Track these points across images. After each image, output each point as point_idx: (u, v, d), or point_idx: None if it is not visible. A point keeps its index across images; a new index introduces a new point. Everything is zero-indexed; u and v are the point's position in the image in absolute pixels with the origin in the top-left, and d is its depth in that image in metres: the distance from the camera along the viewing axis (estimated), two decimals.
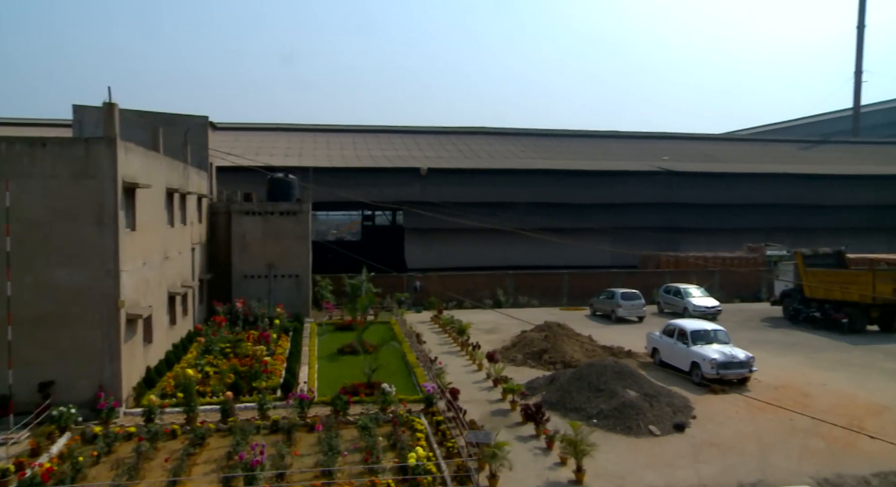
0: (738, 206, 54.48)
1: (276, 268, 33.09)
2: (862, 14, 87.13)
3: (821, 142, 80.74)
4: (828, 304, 31.56)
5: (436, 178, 49.23)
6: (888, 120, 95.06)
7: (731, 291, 41.87)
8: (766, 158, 66.46)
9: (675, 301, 35.31)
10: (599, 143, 68.53)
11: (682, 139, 74.36)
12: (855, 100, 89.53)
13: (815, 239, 49.24)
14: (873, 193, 57.42)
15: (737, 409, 18.59)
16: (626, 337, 28.38)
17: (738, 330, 29.28)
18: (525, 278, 40.75)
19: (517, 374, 22.07)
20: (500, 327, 30.79)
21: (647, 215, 52.40)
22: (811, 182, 57.21)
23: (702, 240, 51.74)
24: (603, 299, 35.11)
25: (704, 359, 21.02)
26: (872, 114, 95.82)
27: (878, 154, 73.54)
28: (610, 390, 18.48)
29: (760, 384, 21.21)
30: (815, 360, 24.87)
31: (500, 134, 68.86)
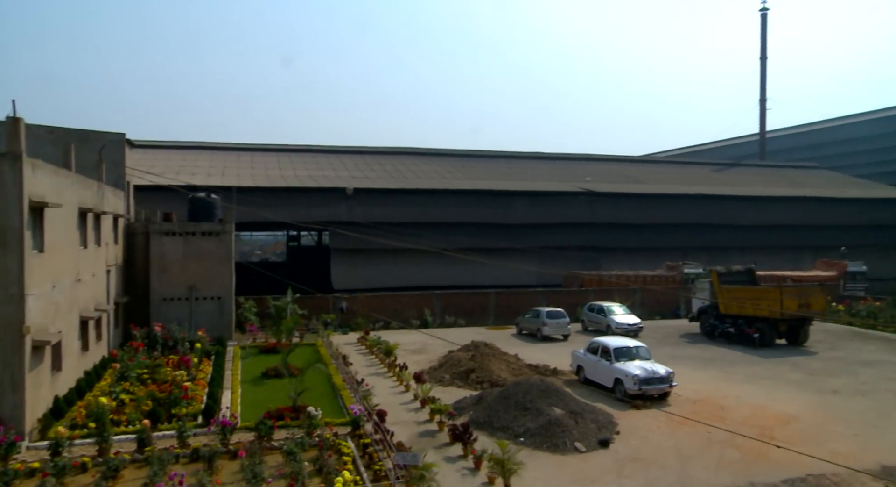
0: (657, 226, 56.44)
1: (198, 290, 32.07)
2: (764, 47, 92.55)
3: (732, 165, 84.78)
4: (741, 319, 32.92)
5: (362, 198, 49.04)
6: (790, 145, 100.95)
7: (652, 308, 43.16)
8: (682, 180, 69.23)
9: (599, 319, 36.09)
10: (525, 164, 69.87)
11: (604, 161, 76.68)
12: (761, 126, 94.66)
13: (728, 257, 51.48)
14: (780, 213, 60.63)
15: (658, 424, 19.07)
16: (551, 355, 28.77)
17: (658, 346, 30.15)
18: (452, 298, 40.89)
19: (445, 394, 22.02)
20: (427, 347, 30.72)
21: (571, 235, 53.63)
22: (724, 203, 59.93)
23: (624, 259, 53.29)
24: (529, 318, 35.54)
25: (627, 375, 21.52)
26: (777, 139, 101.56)
27: (783, 177, 77.79)
28: (536, 408, 18.66)
29: (680, 398, 21.85)
30: (730, 374, 25.84)
31: (427, 155, 69.32)
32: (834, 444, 17.26)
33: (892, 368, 26.88)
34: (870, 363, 27.98)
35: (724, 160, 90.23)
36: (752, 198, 62.01)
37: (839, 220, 61.48)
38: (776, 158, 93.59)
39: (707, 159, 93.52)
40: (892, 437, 17.95)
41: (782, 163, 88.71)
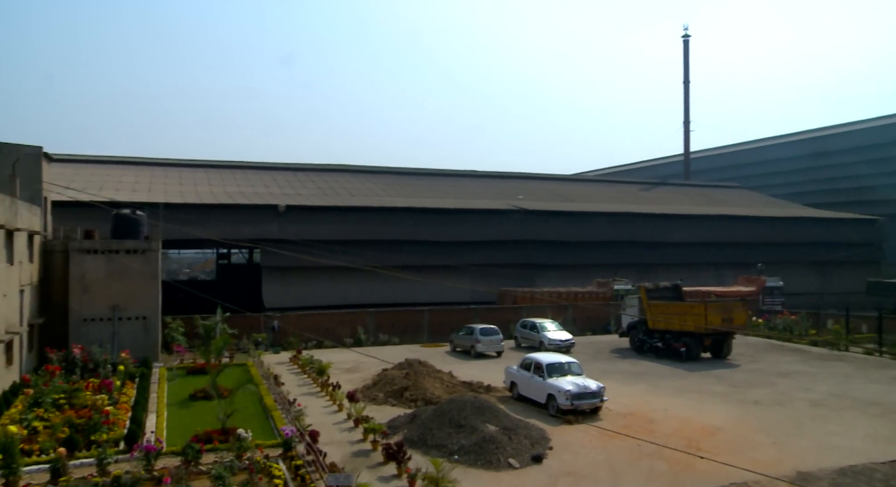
0: (588, 243, 57.69)
1: (122, 310, 30.87)
2: (686, 72, 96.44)
3: (659, 184, 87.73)
4: (668, 334, 33.86)
5: (295, 215, 48.41)
6: (713, 165, 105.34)
7: (583, 324, 43.92)
8: (612, 199, 71.16)
9: (532, 336, 36.48)
10: (458, 182, 70.48)
11: (537, 179, 78.12)
12: (685, 147, 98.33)
13: (656, 274, 53.06)
14: (703, 231, 62.95)
15: (590, 438, 19.35)
16: (485, 372, 28.88)
17: (589, 362, 30.66)
18: (386, 316, 40.66)
19: (379, 413, 21.80)
20: (360, 366, 30.38)
21: (504, 252, 54.24)
22: (652, 221, 61.85)
23: (556, 276, 54.18)
24: (462, 335, 35.63)
25: (559, 391, 21.78)
26: (700, 159, 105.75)
27: (706, 196, 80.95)
28: (470, 425, 18.67)
29: (611, 412, 22.25)
30: (659, 387, 26.50)
31: (360, 172, 69.10)
32: (755, 453, 17.88)
33: (807, 378, 28.12)
34: (787, 374, 29.20)
35: (651, 179, 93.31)
36: (678, 216, 64.22)
37: (758, 237, 64.31)
38: (699, 178, 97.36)
39: (635, 178, 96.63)
40: (807, 444, 18.74)
41: (705, 183, 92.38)
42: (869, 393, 25.08)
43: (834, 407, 23.05)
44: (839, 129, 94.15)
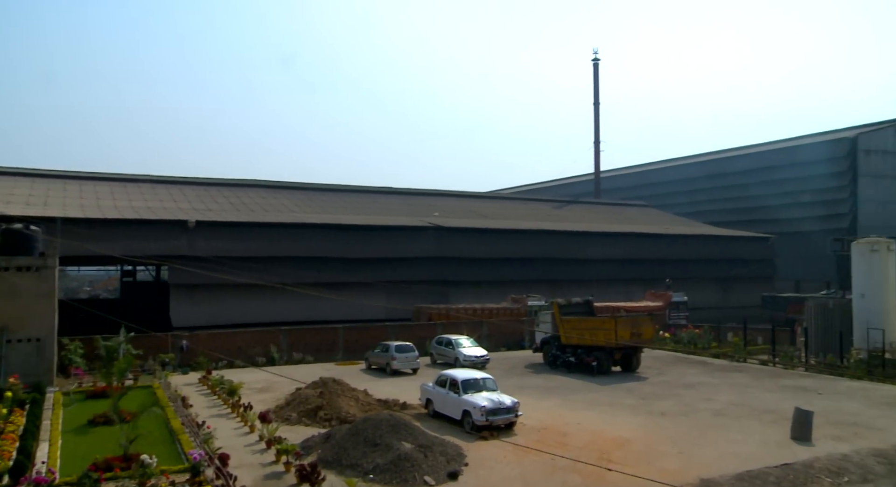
0: (503, 259, 58.53)
1: (12, 332, 28.91)
2: (596, 93, 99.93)
3: (571, 202, 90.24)
4: (580, 349, 34.66)
5: (205, 231, 46.92)
6: (622, 184, 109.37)
7: (498, 340, 44.39)
8: (526, 216, 72.57)
9: (447, 352, 36.57)
10: (373, 198, 70.23)
11: (452, 196, 78.81)
12: (595, 166, 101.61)
13: (569, 290, 54.25)
14: (613, 248, 65.08)
15: (505, 453, 19.50)
16: (401, 389, 28.72)
17: (504, 377, 30.99)
18: (300, 334, 39.83)
19: (292, 433, 21.27)
20: (273, 385, 29.60)
21: (419, 269, 54.29)
22: (564, 238, 63.42)
23: (471, 292, 54.62)
24: (378, 352, 35.34)
25: (475, 407, 21.87)
26: (610, 178, 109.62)
27: (616, 214, 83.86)
28: (386, 443, 18.48)
29: (526, 427, 22.52)
30: (572, 401, 27.06)
31: (274, 187, 67.81)
32: (662, 462, 18.48)
33: (710, 389, 29.38)
34: (691, 385, 30.42)
35: (564, 198, 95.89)
36: (590, 234, 66.15)
37: (664, 254, 67.03)
38: (610, 197, 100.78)
39: (549, 196, 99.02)
40: (710, 451, 19.54)
41: (615, 201, 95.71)
42: (764, 402, 26.43)
43: (734, 416, 24.16)
44: (736, 151, 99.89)
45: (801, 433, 20.74)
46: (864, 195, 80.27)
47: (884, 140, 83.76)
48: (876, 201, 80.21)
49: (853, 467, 18.24)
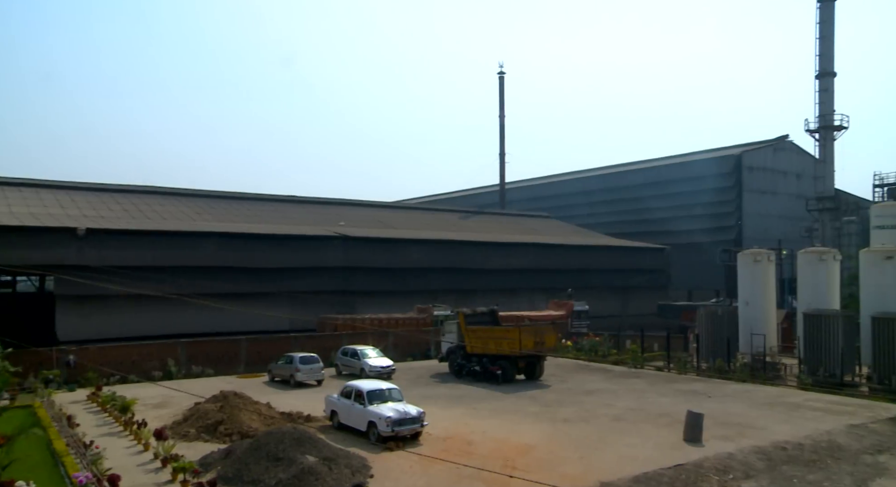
0: (409, 269, 58.58)
1: None
2: (502, 106, 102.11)
3: (477, 212, 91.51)
4: (485, 358, 35.04)
5: (97, 240, 44.54)
6: (526, 196, 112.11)
7: (404, 350, 44.30)
8: (432, 226, 72.98)
9: (353, 363, 36.16)
10: (277, 207, 68.83)
11: (358, 206, 78.31)
12: (501, 177, 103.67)
13: (474, 299, 54.94)
14: (518, 258, 66.46)
15: (411, 463, 19.43)
16: (305, 402, 28.17)
17: (410, 387, 30.93)
18: (199, 347, 38.33)
19: (190, 450, 20.39)
20: (170, 401, 28.33)
21: (324, 279, 53.56)
22: (470, 248, 64.19)
23: (377, 302, 54.34)
24: (281, 364, 34.51)
25: (380, 418, 21.71)
26: (515, 190, 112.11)
27: (520, 225, 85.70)
28: (289, 457, 18.02)
29: (431, 436, 22.53)
30: (477, 410, 27.30)
31: (173, 194, 65.20)
32: (564, 468, 18.93)
33: (610, 395, 30.38)
34: (592, 392, 31.36)
35: (470, 208, 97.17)
36: (495, 244, 67.27)
37: (567, 264, 69.02)
38: (514, 208, 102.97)
39: (455, 207, 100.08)
40: (609, 456, 20.18)
41: (519, 212, 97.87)
42: (659, 406, 27.58)
43: (632, 420, 25.06)
44: (633, 166, 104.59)
45: (692, 434, 21.77)
46: (748, 209, 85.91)
47: (764, 158, 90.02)
48: (758, 214, 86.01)
49: (738, 464, 19.30)
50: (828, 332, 33.64)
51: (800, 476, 18.68)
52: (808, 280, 38.73)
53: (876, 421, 24.75)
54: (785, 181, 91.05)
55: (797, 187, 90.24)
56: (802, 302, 38.36)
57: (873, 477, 18.77)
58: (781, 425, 23.95)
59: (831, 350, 33.38)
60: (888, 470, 19.39)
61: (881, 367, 31.97)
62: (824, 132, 70.90)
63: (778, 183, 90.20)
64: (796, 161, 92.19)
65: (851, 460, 20.22)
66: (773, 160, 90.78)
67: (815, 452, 20.70)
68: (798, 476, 18.68)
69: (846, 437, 22.39)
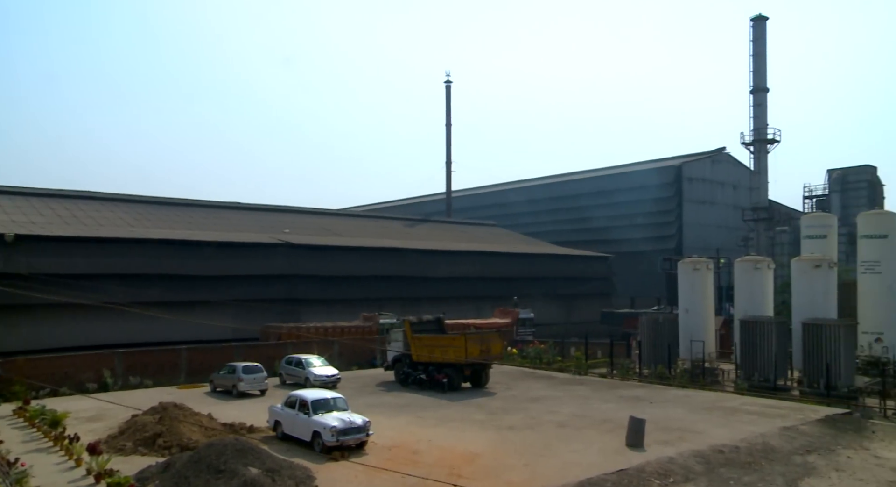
0: (355, 277, 58.13)
1: None
2: (448, 115, 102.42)
3: (423, 220, 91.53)
4: (431, 366, 35.00)
5: (27, 246, 42.79)
6: (472, 204, 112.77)
7: (350, 359, 43.90)
8: (378, 233, 72.66)
9: (297, 372, 35.65)
10: (220, 213, 67.45)
11: (303, 213, 77.39)
12: (447, 186, 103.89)
13: (421, 307, 54.88)
14: (465, 266, 66.70)
15: (356, 473, 19.23)
16: (248, 412, 27.61)
17: (356, 396, 30.66)
18: (137, 357, 37.16)
19: (126, 465, 19.72)
20: (106, 413, 27.35)
21: (269, 287, 52.70)
22: (416, 256, 64.11)
23: (322, 310, 53.71)
24: (224, 374, 33.76)
25: (325, 428, 21.45)
26: (461, 198, 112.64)
27: (467, 233, 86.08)
28: (231, 470, 17.60)
29: (377, 445, 22.37)
30: (423, 418, 27.23)
31: (110, 200, 63.17)
32: (509, 475, 19.03)
33: (554, 402, 30.70)
34: (537, 399, 31.65)
35: (416, 216, 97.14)
36: (441, 252, 67.36)
37: (512, 272, 69.64)
38: (460, 216, 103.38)
39: (401, 215, 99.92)
40: (554, 462, 20.38)
41: (464, 220, 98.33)
42: (603, 412, 28.01)
43: (576, 427, 25.38)
44: (577, 175, 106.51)
45: (634, 440, 22.17)
46: (688, 219, 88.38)
47: (703, 169, 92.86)
48: (697, 223, 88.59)
49: (678, 468, 19.74)
50: (762, 338, 34.80)
51: (736, 477, 19.22)
52: (744, 288, 40.04)
53: (806, 423, 25.70)
54: (722, 192, 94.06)
55: (734, 198, 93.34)
56: (739, 309, 39.60)
57: (803, 477, 19.46)
58: (719, 429, 24.62)
59: (765, 356, 34.54)
60: (816, 470, 20.14)
61: (811, 371, 33.22)
62: (758, 145, 73.70)
63: (716, 194, 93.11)
64: (733, 173, 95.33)
65: (783, 461, 20.91)
66: (712, 172, 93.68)
67: (751, 454, 21.34)
68: (734, 477, 19.21)
69: (779, 439, 23.17)
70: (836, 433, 24.60)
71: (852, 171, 79.97)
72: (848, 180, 79.21)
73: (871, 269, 39.83)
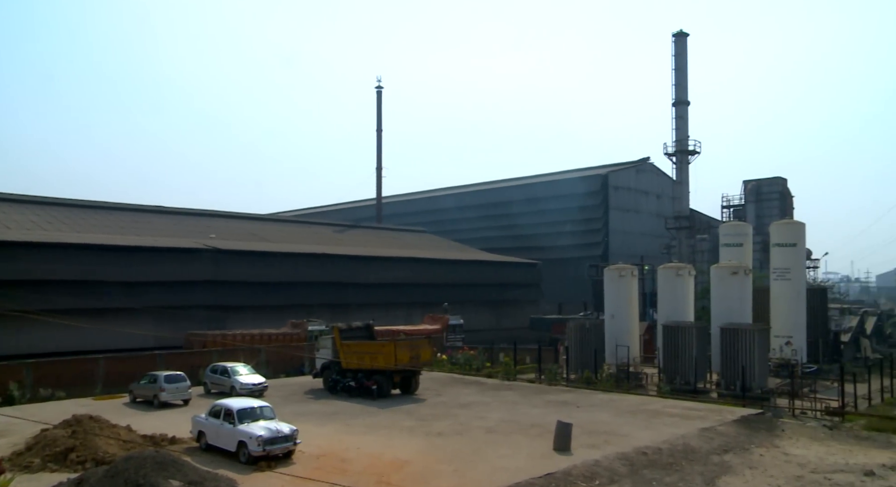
0: (283, 283, 57.11)
1: None
2: (379, 121, 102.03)
3: (353, 226, 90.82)
4: (361, 373, 34.69)
5: None
6: (404, 210, 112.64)
7: (278, 366, 43.06)
8: (308, 239, 71.67)
9: (223, 381, 34.71)
10: (142, 217, 65.14)
11: (230, 218, 75.61)
12: (377, 191, 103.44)
13: (350, 314, 54.35)
14: (394, 272, 66.49)
15: (282, 483, 18.84)
16: (170, 423, 26.66)
17: (283, 404, 30.09)
18: (49, 368, 35.33)
19: (34, 483, 18.75)
20: (11, 429, 25.81)
21: (194, 294, 51.17)
22: (346, 262, 63.52)
23: (249, 317, 52.55)
24: (144, 384, 32.52)
25: (251, 437, 20.95)
26: (392, 204, 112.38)
27: (397, 239, 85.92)
28: (150, 483, 16.88)
29: (305, 454, 21.97)
30: (352, 426, 26.93)
31: (21, 202, 60.03)
32: (438, 482, 19.01)
33: (484, 408, 30.89)
34: (467, 405, 31.77)
35: (346, 222, 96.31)
36: (371, 258, 66.97)
37: (442, 279, 69.78)
38: (392, 222, 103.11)
39: (332, 220, 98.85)
40: (483, 468, 20.49)
41: (395, 226, 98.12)
42: (531, 417, 28.36)
43: (504, 432, 25.59)
44: (508, 183, 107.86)
45: (561, 444, 22.52)
46: (614, 226, 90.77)
47: (628, 178, 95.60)
48: (623, 231, 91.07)
49: (603, 471, 20.16)
50: (683, 342, 36.03)
51: (658, 478, 19.77)
52: (666, 294, 41.35)
53: (723, 424, 26.72)
54: (647, 201, 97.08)
55: (657, 207, 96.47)
56: (662, 314, 40.87)
57: (720, 475, 20.19)
58: (643, 431, 25.30)
59: (686, 359, 35.76)
60: (732, 468, 20.94)
61: (728, 374, 34.58)
62: (680, 156, 76.41)
63: (640, 202, 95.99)
64: (656, 182, 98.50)
65: (702, 460, 21.65)
66: (637, 181, 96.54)
67: (672, 455, 22.01)
68: (657, 478, 19.75)
69: (698, 440, 23.99)
70: (750, 432, 25.67)
71: (765, 182, 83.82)
72: (762, 191, 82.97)
73: (782, 276, 41.87)
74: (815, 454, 22.85)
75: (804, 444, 24.26)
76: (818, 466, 21.30)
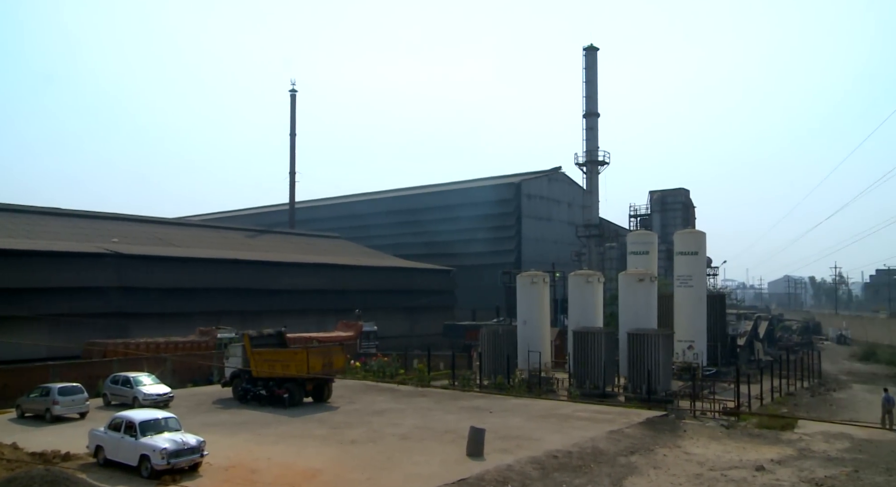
0: (191, 290, 55.11)
1: None
2: (293, 124, 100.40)
3: (265, 231, 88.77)
4: (272, 381, 33.88)
5: None
6: (319, 215, 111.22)
7: (185, 376, 41.50)
8: (217, 244, 69.52)
9: (124, 392, 33.08)
10: (34, 219, 61.41)
11: (134, 222, 72.35)
12: (291, 196, 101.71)
13: (262, 321, 52.94)
14: (308, 278, 65.41)
15: None
16: (65, 438, 25.16)
17: (190, 415, 29.03)
18: None
19: None
20: None
21: (93, 300, 48.54)
22: (258, 268, 61.98)
23: (155, 325, 50.37)
24: (34, 397, 30.46)
25: (154, 450, 20.06)
26: (306, 209, 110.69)
27: (311, 245, 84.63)
28: None
29: (212, 466, 21.23)
30: (262, 436, 26.24)
31: None
32: None
33: (397, 415, 30.78)
34: (380, 412, 31.57)
35: (258, 227, 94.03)
36: (284, 264, 65.63)
37: (356, 285, 69.15)
38: (306, 227, 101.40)
39: (242, 225, 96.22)
40: (397, 475, 20.43)
41: (308, 232, 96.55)
42: (445, 423, 28.46)
43: (418, 439, 25.57)
44: (423, 189, 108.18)
45: (475, 449, 22.70)
46: (527, 234, 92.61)
47: (540, 187, 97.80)
48: (535, 239, 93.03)
49: (516, 475, 20.46)
50: (593, 348, 37.10)
51: (568, 480, 20.23)
52: (577, 300, 42.48)
53: (630, 426, 27.66)
54: (558, 209, 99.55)
55: (568, 215, 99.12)
56: (572, 321, 41.94)
57: (626, 476, 20.87)
58: (554, 435, 25.84)
59: (596, 364, 36.82)
60: (637, 469, 21.69)
61: (635, 377, 35.83)
62: (590, 166, 78.83)
63: (552, 210, 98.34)
64: (568, 191, 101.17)
65: (610, 462, 22.33)
66: (548, 189, 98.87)
67: (581, 458, 22.58)
68: (567, 481, 20.21)
69: (606, 442, 24.73)
70: (655, 433, 26.69)
71: (669, 193, 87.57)
72: (666, 201, 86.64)
73: (685, 283, 43.83)
74: (713, 452, 24.01)
75: (703, 443, 25.44)
76: (715, 463, 22.38)
